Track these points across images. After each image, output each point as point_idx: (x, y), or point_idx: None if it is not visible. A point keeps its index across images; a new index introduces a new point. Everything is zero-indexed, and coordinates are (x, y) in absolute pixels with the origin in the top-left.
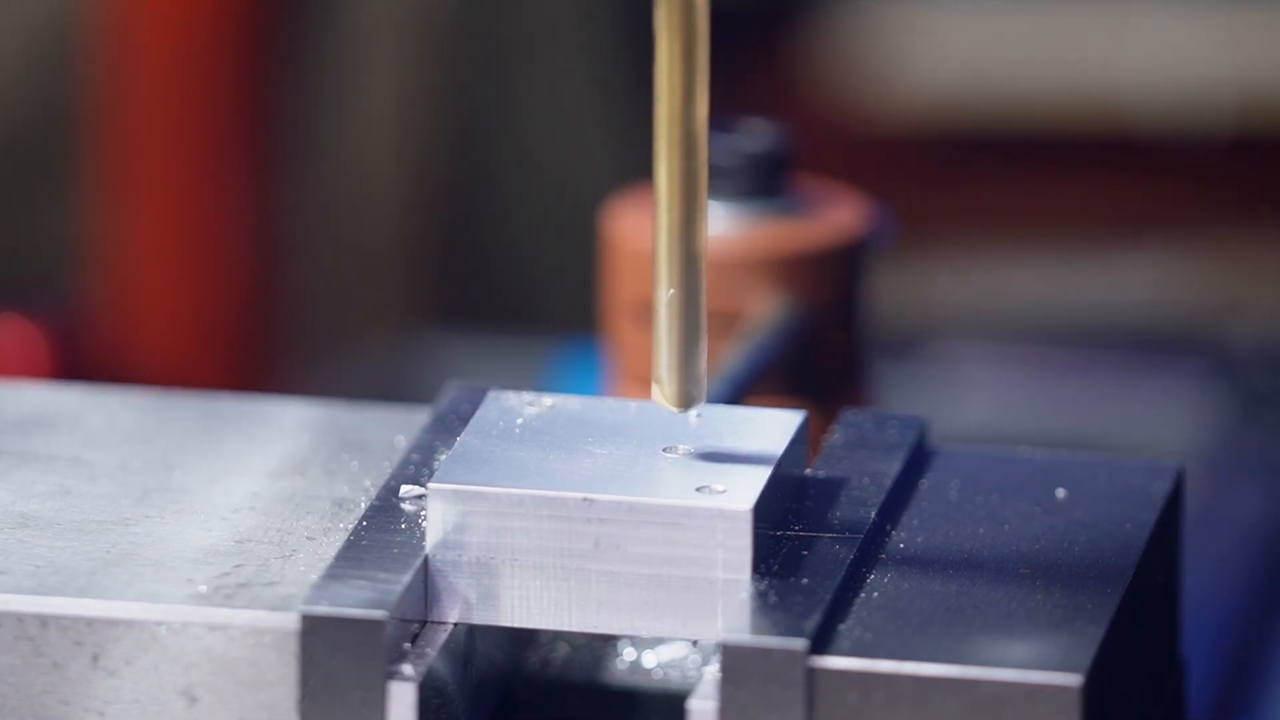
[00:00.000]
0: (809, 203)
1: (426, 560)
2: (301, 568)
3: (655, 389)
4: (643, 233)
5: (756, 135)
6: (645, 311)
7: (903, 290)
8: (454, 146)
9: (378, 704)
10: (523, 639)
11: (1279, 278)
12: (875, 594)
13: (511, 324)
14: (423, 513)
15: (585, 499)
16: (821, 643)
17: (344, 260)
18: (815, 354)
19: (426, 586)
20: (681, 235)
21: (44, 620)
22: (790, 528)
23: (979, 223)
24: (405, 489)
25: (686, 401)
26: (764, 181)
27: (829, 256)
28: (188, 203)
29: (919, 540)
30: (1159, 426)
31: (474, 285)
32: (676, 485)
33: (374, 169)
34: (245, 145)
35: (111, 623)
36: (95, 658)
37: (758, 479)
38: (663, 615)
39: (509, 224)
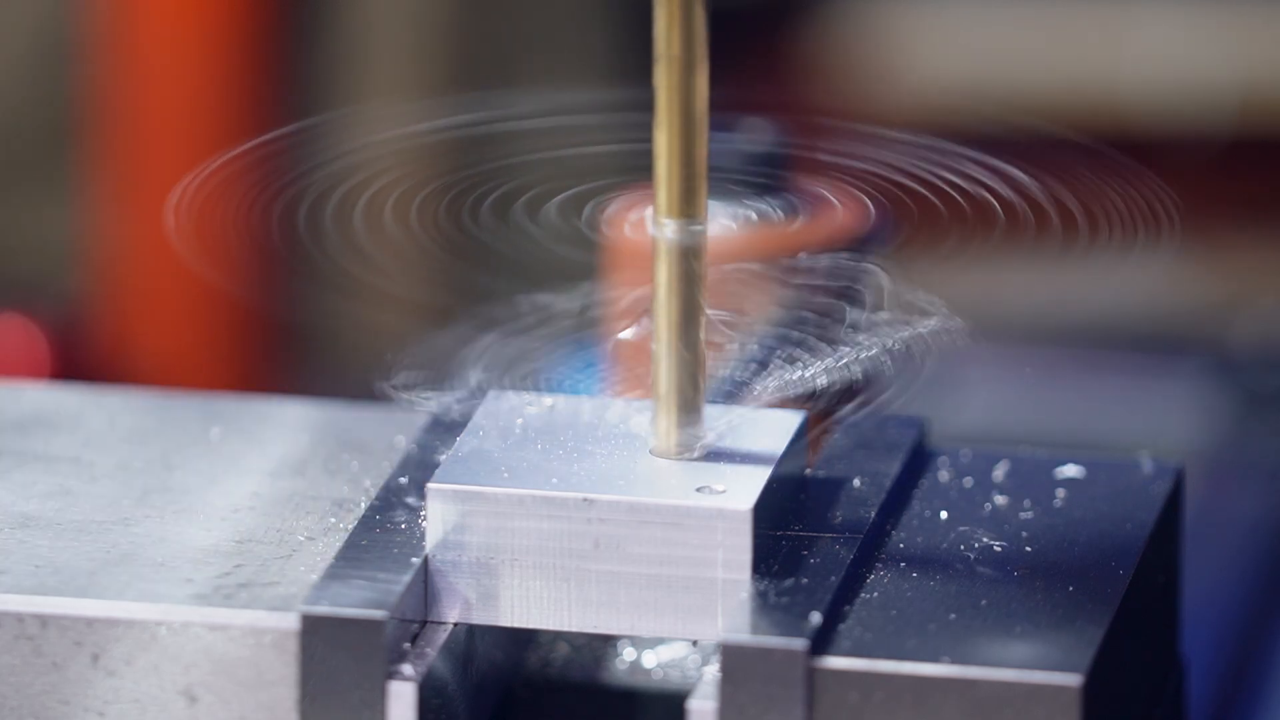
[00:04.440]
0: (809, 203)
1: (426, 560)
2: (301, 568)
3: (653, 441)
4: (643, 232)
5: (756, 135)
6: (645, 308)
7: (903, 288)
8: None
9: (378, 704)
10: (523, 639)
11: (1279, 278)
12: (875, 594)
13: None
14: (423, 512)
15: (585, 499)
16: (821, 643)
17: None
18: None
19: (426, 586)
20: (681, 342)
21: (44, 620)
22: (790, 528)
23: (978, 223)
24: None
25: (680, 450)
26: (764, 181)
27: (830, 254)
28: None
29: (919, 540)
30: (1159, 426)
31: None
32: (676, 485)
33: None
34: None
35: (111, 623)
36: (95, 658)
37: (758, 479)
38: (663, 615)
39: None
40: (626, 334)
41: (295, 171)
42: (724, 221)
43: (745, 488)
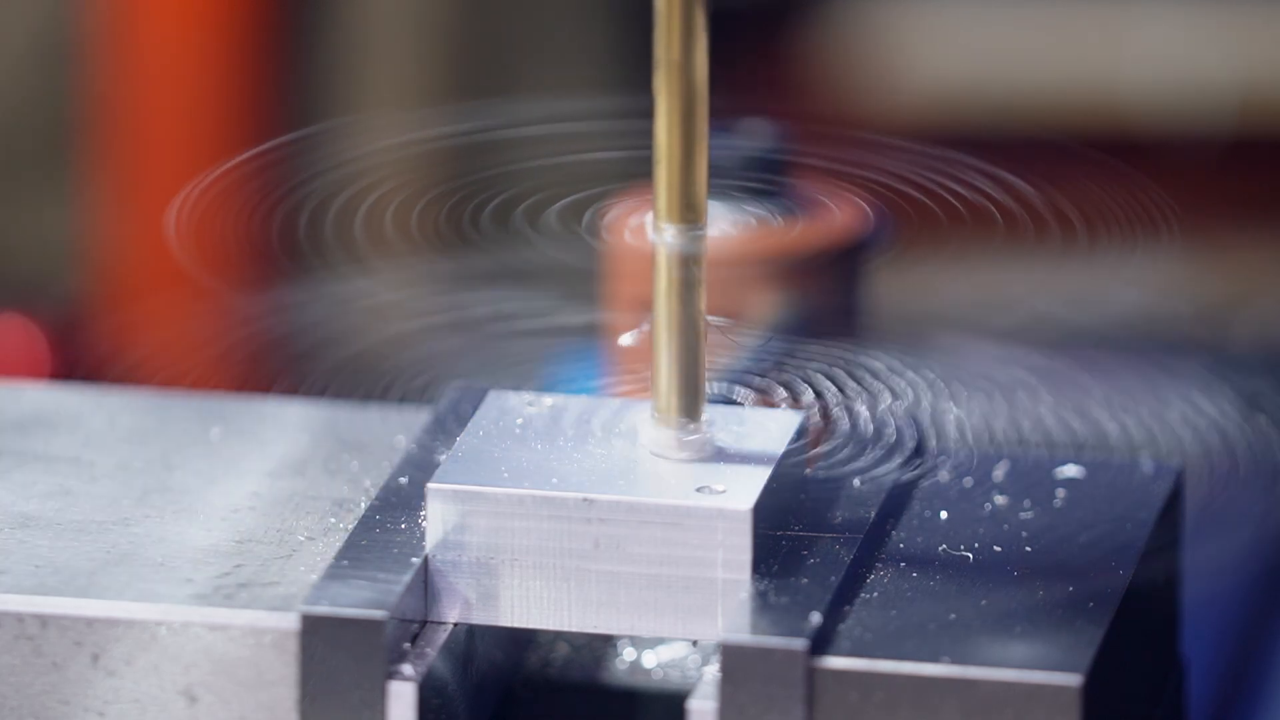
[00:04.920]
0: (809, 203)
1: (426, 560)
2: (301, 568)
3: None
4: (643, 233)
5: (756, 135)
6: (645, 311)
7: (903, 290)
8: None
9: (378, 704)
10: (523, 639)
11: (1279, 278)
12: (875, 594)
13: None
14: (424, 512)
15: (585, 499)
16: (821, 643)
17: None
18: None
19: (426, 586)
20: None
21: (44, 620)
22: (790, 528)
23: (978, 222)
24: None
25: (680, 450)
26: (764, 181)
27: (829, 256)
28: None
29: (919, 540)
30: (1159, 426)
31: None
32: (676, 485)
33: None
34: (246, 146)
35: (111, 623)
36: (95, 658)
37: (758, 479)
38: (663, 615)
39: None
40: (627, 338)
41: (296, 179)
42: (724, 225)
43: (745, 488)
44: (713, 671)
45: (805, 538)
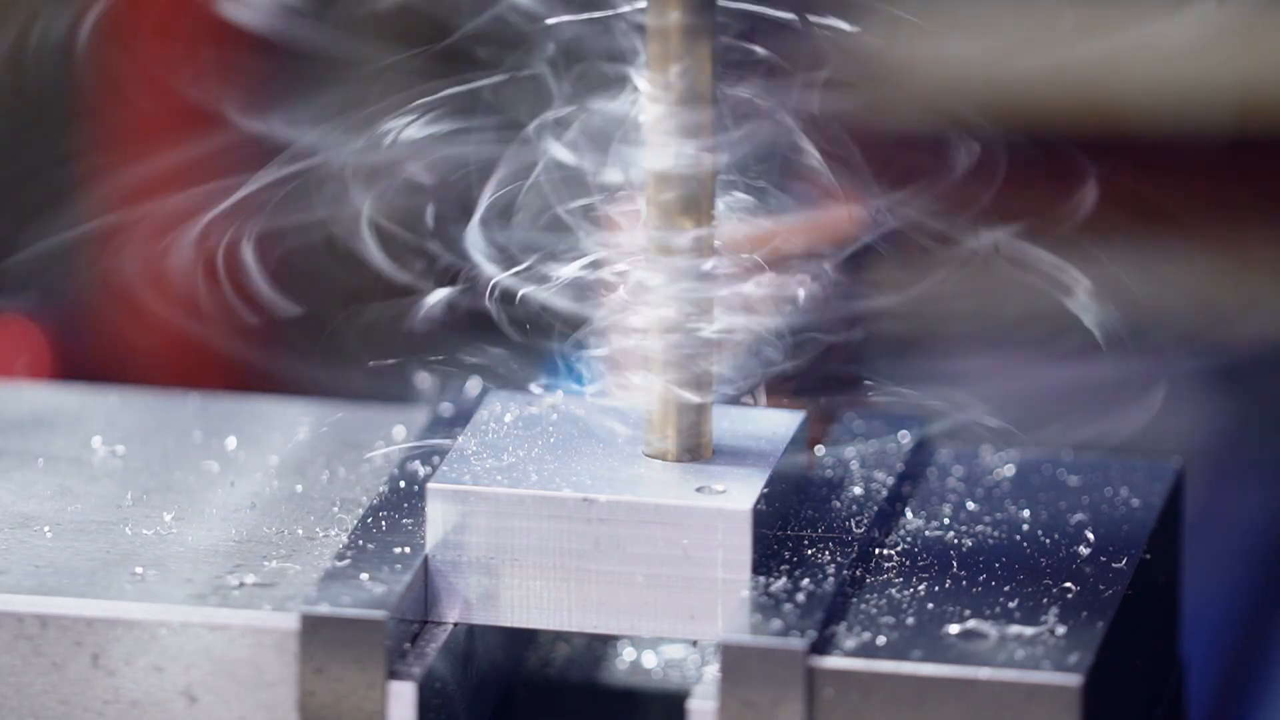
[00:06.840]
0: (809, 203)
1: (426, 560)
2: (301, 568)
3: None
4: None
5: (757, 135)
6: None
7: (902, 290)
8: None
9: (378, 704)
10: (523, 639)
11: (1279, 278)
12: (875, 594)
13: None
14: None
15: (585, 499)
16: (821, 643)
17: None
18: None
19: (426, 586)
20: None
21: (44, 620)
22: (790, 528)
23: (979, 222)
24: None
25: (681, 451)
26: (767, 181)
27: (829, 256)
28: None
29: (919, 540)
30: (1159, 426)
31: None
32: (676, 485)
33: None
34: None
35: (111, 623)
36: (95, 658)
37: (758, 479)
38: (663, 615)
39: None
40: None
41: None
42: (729, 220)
43: (745, 488)
44: (713, 671)
45: (805, 538)
